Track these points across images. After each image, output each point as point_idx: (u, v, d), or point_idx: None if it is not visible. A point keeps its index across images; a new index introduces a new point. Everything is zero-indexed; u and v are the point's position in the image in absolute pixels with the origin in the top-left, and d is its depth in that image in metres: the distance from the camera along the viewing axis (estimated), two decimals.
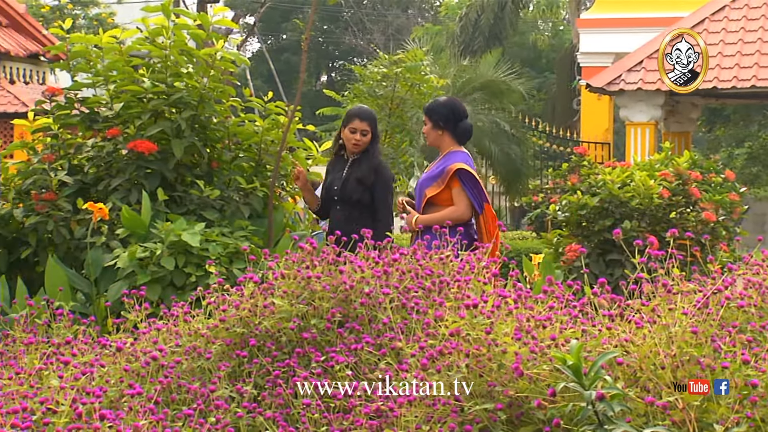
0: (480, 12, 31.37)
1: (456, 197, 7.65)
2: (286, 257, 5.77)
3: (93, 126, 9.51)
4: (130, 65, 9.45)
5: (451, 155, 7.79)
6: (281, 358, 5.23)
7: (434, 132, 7.85)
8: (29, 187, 9.25)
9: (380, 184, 7.96)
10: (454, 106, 7.96)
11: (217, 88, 9.47)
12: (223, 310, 5.42)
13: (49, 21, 27.32)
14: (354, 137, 7.99)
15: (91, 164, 9.32)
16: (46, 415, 4.34)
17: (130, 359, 5.15)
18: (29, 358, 5.67)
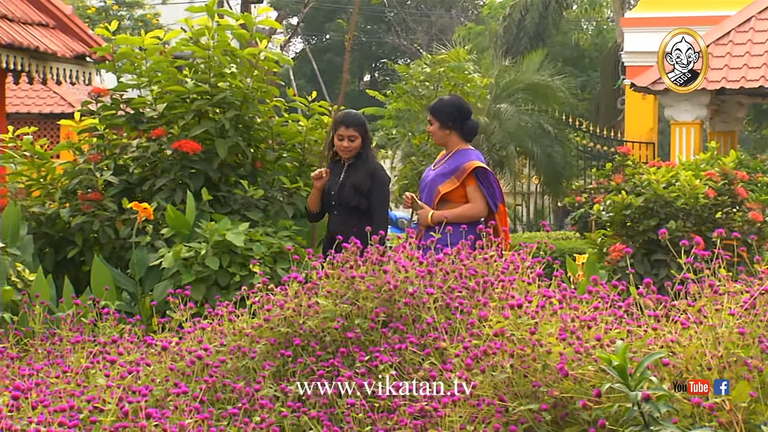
0: (524, 12, 31.27)
1: (472, 194, 7.61)
2: (330, 257, 5.77)
3: (138, 126, 9.58)
4: (174, 66, 9.50)
5: (463, 153, 7.72)
6: (325, 358, 5.23)
7: (441, 131, 7.78)
8: (75, 187, 9.32)
9: (376, 189, 7.90)
10: (460, 104, 7.91)
11: (260, 88, 9.50)
12: (267, 310, 5.44)
13: (95, 22, 27.52)
14: (342, 144, 7.95)
15: (136, 164, 9.37)
16: (93, 413, 4.37)
17: (175, 358, 5.17)
18: (76, 356, 5.71)
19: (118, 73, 9.74)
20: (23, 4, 11.14)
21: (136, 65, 9.59)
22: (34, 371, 5.25)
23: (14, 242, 8.40)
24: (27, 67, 10.65)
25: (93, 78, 11.75)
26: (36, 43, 10.62)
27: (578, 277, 8.89)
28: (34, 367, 5.34)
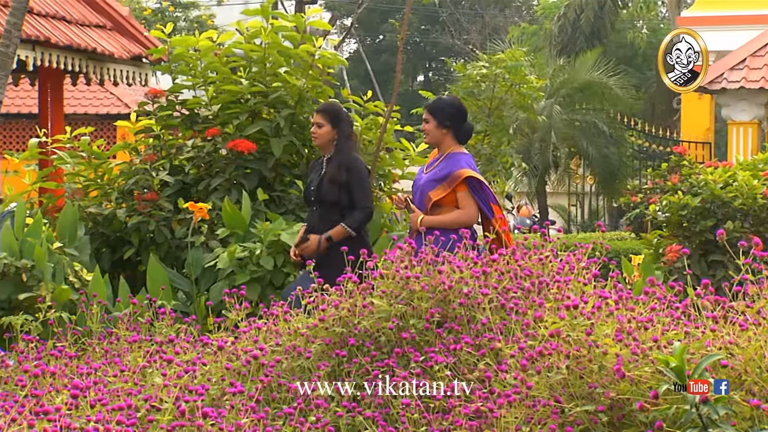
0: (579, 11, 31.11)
1: (463, 201, 7.45)
2: (385, 257, 5.77)
3: (193, 127, 9.64)
4: (229, 66, 9.55)
5: (455, 157, 7.56)
6: (380, 358, 5.24)
7: (437, 130, 7.60)
8: (132, 187, 9.39)
9: (355, 181, 7.64)
10: (460, 105, 7.81)
11: (315, 87, 9.53)
12: (322, 310, 5.45)
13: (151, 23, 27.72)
14: (312, 130, 7.83)
15: (191, 164, 9.43)
16: (150, 412, 4.40)
17: (231, 358, 5.19)
18: (133, 355, 5.76)
19: (174, 74, 9.81)
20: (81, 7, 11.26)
21: (191, 66, 9.65)
22: (92, 370, 5.30)
23: (72, 242, 8.48)
24: (85, 69, 10.76)
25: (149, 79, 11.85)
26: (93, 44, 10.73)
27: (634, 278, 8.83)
28: (92, 366, 5.39)
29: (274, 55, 9.49)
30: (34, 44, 9.88)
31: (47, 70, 10.61)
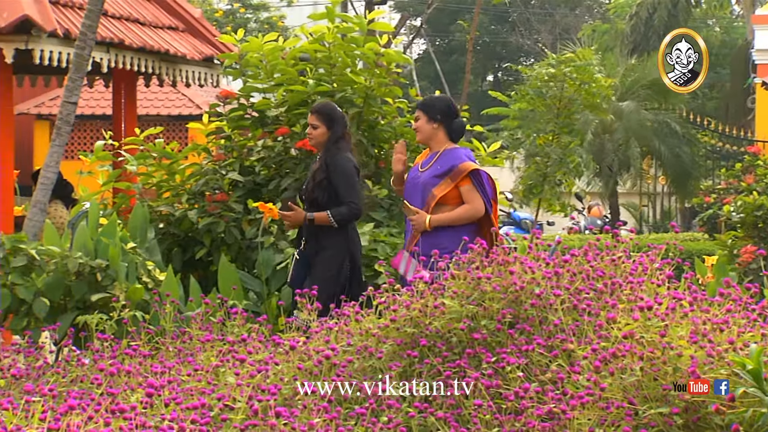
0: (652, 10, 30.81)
1: (468, 195, 7.32)
2: (456, 257, 5.76)
3: (263, 127, 9.69)
4: (295, 68, 9.60)
5: (453, 152, 7.43)
6: (452, 359, 5.22)
7: (429, 126, 7.43)
8: (202, 188, 9.46)
9: (335, 176, 7.59)
10: (450, 102, 7.69)
11: (382, 86, 9.53)
12: (393, 310, 5.45)
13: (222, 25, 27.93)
14: (308, 131, 7.81)
15: (261, 165, 9.48)
16: (224, 411, 4.43)
17: (303, 358, 5.21)
18: (205, 355, 5.80)
19: (245, 78, 9.88)
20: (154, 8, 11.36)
21: (260, 68, 9.71)
22: (166, 369, 5.34)
23: (143, 242, 8.57)
24: (158, 70, 10.87)
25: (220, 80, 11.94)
26: (166, 46, 10.83)
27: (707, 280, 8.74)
28: (165, 365, 5.43)
29: (341, 55, 9.51)
30: (109, 46, 9.99)
31: (121, 71, 10.73)
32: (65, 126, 8.60)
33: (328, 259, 7.55)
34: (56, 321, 7.62)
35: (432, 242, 7.20)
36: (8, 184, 9.72)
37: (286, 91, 9.58)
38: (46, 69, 10.91)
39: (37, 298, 7.75)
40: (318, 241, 7.60)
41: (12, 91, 9.77)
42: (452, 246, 7.12)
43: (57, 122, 8.67)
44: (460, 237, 7.09)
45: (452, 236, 7.14)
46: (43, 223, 8.43)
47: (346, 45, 9.56)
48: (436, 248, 7.18)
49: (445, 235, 7.18)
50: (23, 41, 9.21)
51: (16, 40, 9.20)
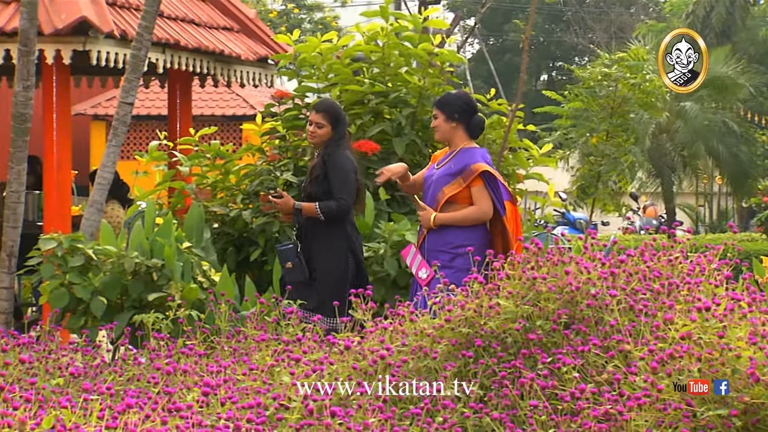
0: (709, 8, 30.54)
1: (477, 196, 7.24)
2: (511, 257, 5.74)
3: None
4: (350, 68, 9.60)
5: (468, 152, 7.37)
6: (507, 359, 5.21)
7: (447, 125, 7.38)
8: (257, 188, 9.49)
9: (331, 172, 7.63)
10: (468, 98, 7.61)
11: (435, 86, 9.52)
12: (448, 310, 5.44)
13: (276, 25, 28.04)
14: (308, 128, 7.77)
15: None
16: (279, 410, 4.44)
17: (357, 358, 5.21)
18: (260, 354, 5.81)
19: (300, 78, 9.90)
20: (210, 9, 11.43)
21: (314, 68, 9.72)
22: (222, 368, 5.37)
23: (198, 242, 8.61)
24: (212, 70, 10.93)
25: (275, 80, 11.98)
26: (221, 46, 10.88)
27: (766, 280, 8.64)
28: (221, 364, 5.46)
29: (394, 55, 9.51)
30: (164, 47, 10.05)
31: (176, 72, 10.80)
32: (122, 126, 8.66)
33: (331, 258, 7.61)
34: (113, 320, 7.68)
35: (439, 239, 7.23)
36: (66, 184, 9.81)
37: (341, 91, 9.59)
38: (102, 70, 11.02)
39: (94, 297, 7.82)
40: (317, 239, 7.63)
41: (70, 91, 9.86)
42: (458, 243, 7.16)
43: (113, 123, 8.74)
44: (467, 236, 7.12)
45: (459, 234, 7.16)
46: (100, 223, 8.50)
47: (401, 44, 9.56)
48: (442, 246, 7.22)
49: (451, 233, 7.18)
50: (81, 42, 9.29)
51: (74, 41, 9.29)
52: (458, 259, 7.11)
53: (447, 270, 7.06)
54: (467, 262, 7.08)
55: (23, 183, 8.46)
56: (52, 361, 5.84)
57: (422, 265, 7.19)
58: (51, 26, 9.20)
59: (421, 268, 7.18)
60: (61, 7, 9.32)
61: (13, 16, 9.32)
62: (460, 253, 7.10)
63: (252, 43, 11.45)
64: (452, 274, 7.04)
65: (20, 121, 8.33)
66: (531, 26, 9.53)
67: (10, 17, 9.41)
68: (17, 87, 8.30)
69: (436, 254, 7.17)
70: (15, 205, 8.37)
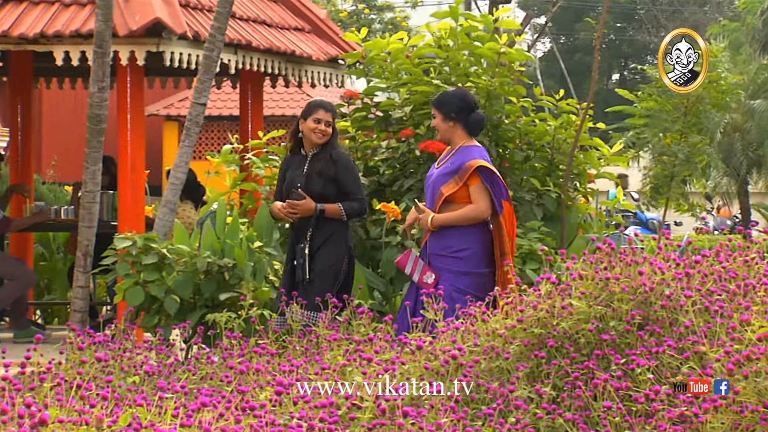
0: None
1: (475, 194, 7.14)
2: (583, 258, 5.70)
3: (387, 128, 9.71)
4: (420, 68, 9.60)
5: (466, 150, 7.28)
6: (580, 360, 5.17)
7: (445, 124, 7.29)
8: None
9: (342, 171, 7.66)
10: (465, 95, 7.48)
11: (505, 85, 9.48)
12: (520, 311, 5.42)
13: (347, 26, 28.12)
14: (319, 127, 7.68)
15: (385, 165, 9.51)
16: (351, 410, 4.45)
17: (429, 358, 5.21)
18: (332, 354, 5.83)
19: (369, 77, 9.91)
20: (281, 10, 11.48)
21: (384, 68, 9.73)
22: (294, 367, 5.39)
23: (269, 242, 8.66)
24: (284, 71, 10.97)
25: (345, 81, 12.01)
26: (292, 47, 10.93)
27: None
28: (293, 364, 5.48)
29: (463, 55, 9.48)
30: (236, 48, 10.12)
31: (248, 72, 10.86)
32: (194, 127, 8.73)
33: (331, 254, 7.62)
34: (186, 319, 7.75)
35: (438, 242, 7.18)
36: (140, 184, 9.91)
37: (410, 91, 9.59)
38: (175, 71, 11.12)
39: (167, 295, 7.89)
40: (321, 238, 7.63)
41: (143, 92, 9.96)
42: (462, 246, 7.11)
43: (186, 123, 8.81)
44: (467, 238, 7.06)
45: (458, 237, 7.10)
46: (173, 223, 8.58)
47: (470, 44, 9.53)
48: (442, 249, 7.17)
49: (450, 236, 7.13)
50: (154, 44, 9.38)
51: (148, 42, 9.38)
52: (460, 262, 7.10)
53: (450, 274, 7.05)
54: (469, 264, 7.09)
55: (98, 183, 8.56)
56: (127, 360, 5.91)
57: (425, 270, 7.15)
58: (125, 28, 9.29)
59: (425, 273, 7.14)
60: (135, 9, 9.41)
61: (89, 18, 9.43)
62: (461, 256, 7.08)
63: (323, 43, 11.49)
64: (454, 277, 7.05)
65: (95, 122, 8.42)
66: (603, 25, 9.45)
67: (85, 19, 9.52)
68: (92, 88, 8.40)
69: (437, 258, 7.15)
70: (90, 204, 8.47)
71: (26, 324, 10.50)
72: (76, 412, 4.07)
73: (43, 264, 12.22)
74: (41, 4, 9.76)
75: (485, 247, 7.12)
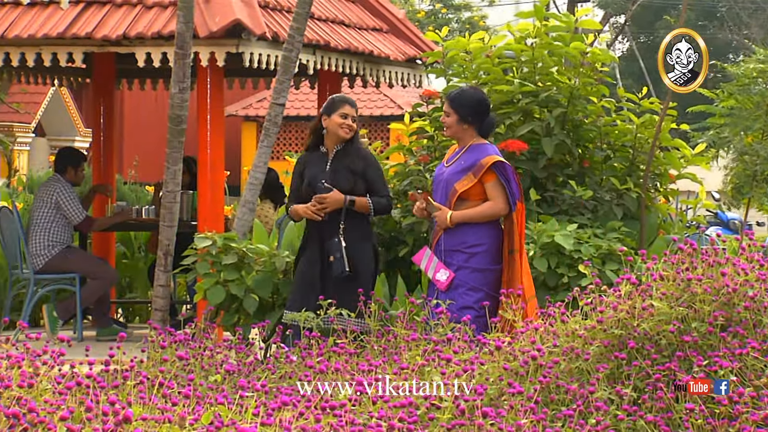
0: None
1: (492, 191, 7.14)
2: (664, 258, 5.65)
3: None
4: (500, 67, 9.56)
5: (479, 147, 7.27)
6: (661, 361, 5.13)
7: (459, 126, 7.30)
8: (406, 188, 9.52)
9: (371, 167, 7.68)
10: (483, 98, 7.46)
11: (587, 85, 9.41)
12: (600, 312, 5.38)
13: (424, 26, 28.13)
14: (346, 122, 7.61)
15: None
16: (430, 410, 4.45)
17: (508, 358, 5.19)
18: (410, 354, 5.83)
19: (448, 76, 9.90)
20: (359, 10, 11.52)
21: (464, 67, 9.71)
22: (372, 367, 5.40)
23: None
24: (362, 71, 11.01)
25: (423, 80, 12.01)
26: (370, 47, 10.96)
27: None
28: (371, 363, 5.49)
29: (544, 55, 9.43)
30: (315, 48, 10.17)
31: (326, 73, 10.91)
32: (273, 127, 8.78)
33: (366, 253, 7.68)
34: (265, 318, 7.80)
35: (454, 239, 7.16)
36: (219, 184, 10.00)
37: (490, 91, 9.56)
38: (254, 71, 11.20)
39: (247, 294, 7.95)
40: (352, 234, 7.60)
41: (223, 93, 10.04)
42: (476, 242, 7.08)
43: (265, 123, 8.87)
44: (482, 234, 7.04)
45: (474, 233, 7.12)
46: (252, 223, 8.64)
47: (552, 44, 9.48)
48: (457, 245, 7.14)
49: (466, 232, 7.13)
50: (234, 45, 9.45)
51: (228, 43, 9.46)
52: (474, 259, 7.11)
53: (464, 270, 7.07)
54: (483, 261, 7.10)
55: (179, 183, 8.64)
56: (208, 358, 5.96)
57: (440, 267, 7.15)
58: (206, 29, 9.38)
59: (438, 270, 7.14)
60: (215, 11, 9.49)
61: (170, 19, 9.53)
62: (475, 252, 7.09)
63: (401, 43, 11.50)
64: (468, 274, 7.06)
65: (176, 122, 8.51)
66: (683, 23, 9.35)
67: (167, 21, 9.62)
68: (173, 89, 8.48)
69: (451, 254, 7.17)
70: (171, 204, 8.55)
71: (108, 322, 10.65)
72: (158, 410, 4.12)
73: (124, 263, 12.38)
74: (124, 6, 9.89)
75: (497, 243, 7.21)
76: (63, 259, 10.46)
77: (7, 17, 9.94)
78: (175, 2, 8.96)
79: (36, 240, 10.44)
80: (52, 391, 4.50)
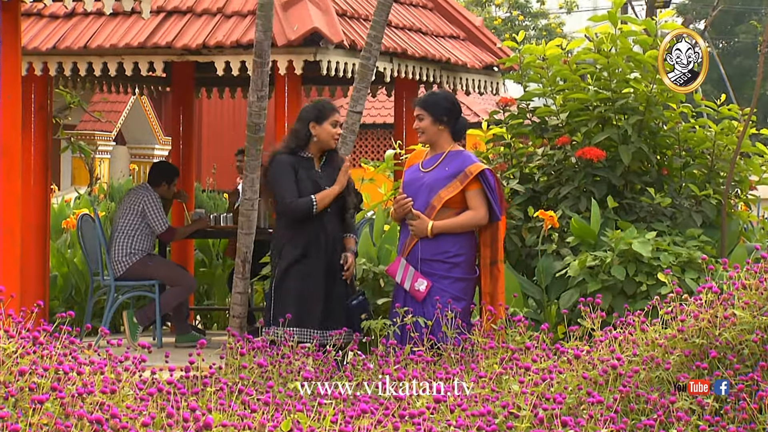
0: None
1: (474, 200, 7.02)
2: (747, 267, 5.58)
3: (543, 135, 9.65)
4: (577, 74, 9.51)
5: (461, 154, 7.19)
6: (743, 371, 5.07)
7: (434, 127, 7.15)
8: None
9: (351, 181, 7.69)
10: (454, 99, 7.34)
11: (665, 92, 9.32)
12: (681, 321, 5.32)
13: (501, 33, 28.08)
14: (338, 131, 7.56)
15: (541, 172, 9.44)
16: (509, 419, 4.43)
17: (587, 367, 5.16)
18: (488, 362, 5.82)
19: (524, 83, 9.87)
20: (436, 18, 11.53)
21: (540, 75, 9.67)
22: (450, 375, 5.39)
23: None
24: (438, 79, 11.01)
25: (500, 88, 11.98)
26: (447, 55, 10.96)
27: None
28: (449, 371, 5.49)
29: (621, 62, 9.36)
30: (392, 56, 10.19)
31: (403, 80, 10.92)
32: (350, 135, 8.81)
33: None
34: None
35: (433, 248, 7.08)
36: None
37: (567, 98, 9.51)
38: (331, 79, 11.25)
39: None
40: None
41: (300, 101, 10.10)
42: (458, 252, 7.00)
43: (342, 131, 8.90)
44: (462, 243, 6.99)
45: (456, 242, 7.06)
46: None
47: (630, 50, 9.40)
48: (437, 255, 7.05)
49: (447, 241, 7.07)
50: (312, 53, 9.50)
51: (305, 52, 9.51)
52: (457, 269, 7.05)
53: (445, 280, 6.98)
54: (464, 270, 7.03)
55: (257, 191, 8.69)
56: (286, 365, 5.99)
57: (417, 277, 7.05)
58: (284, 38, 9.44)
59: (416, 280, 7.05)
60: (293, 19, 9.55)
61: (249, 28, 9.60)
62: (458, 262, 7.02)
63: (478, 50, 11.48)
64: (451, 284, 6.99)
65: (254, 130, 8.56)
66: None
67: (245, 30, 9.70)
68: (251, 97, 8.54)
69: (430, 264, 7.07)
70: (249, 212, 8.60)
71: (187, 329, 10.75)
72: (238, 416, 4.15)
73: (203, 270, 12.50)
74: (204, 15, 9.99)
75: (474, 252, 7.20)
76: (143, 265, 10.58)
77: (89, 28, 10.09)
78: (254, 11, 9.03)
79: (118, 247, 10.56)
80: (134, 397, 4.56)
